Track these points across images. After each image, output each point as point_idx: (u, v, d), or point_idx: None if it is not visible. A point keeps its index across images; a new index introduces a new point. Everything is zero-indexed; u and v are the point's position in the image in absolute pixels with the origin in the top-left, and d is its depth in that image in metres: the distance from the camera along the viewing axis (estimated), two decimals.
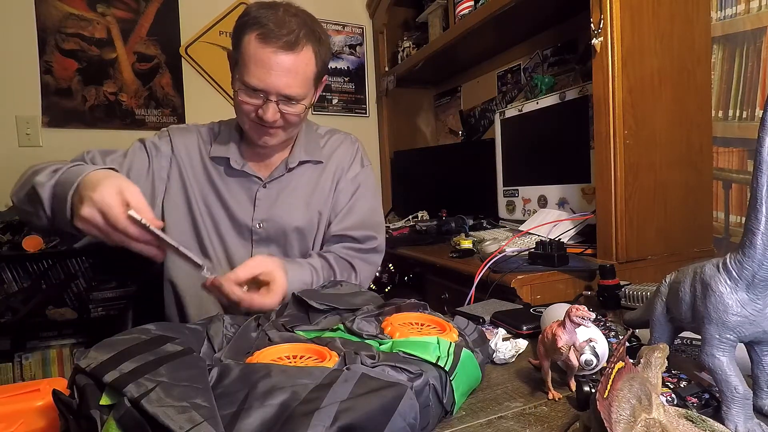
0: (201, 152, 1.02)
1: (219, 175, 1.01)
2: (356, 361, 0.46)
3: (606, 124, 1.08)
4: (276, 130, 0.94)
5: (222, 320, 0.56)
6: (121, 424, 0.35)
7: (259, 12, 0.86)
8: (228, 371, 0.41)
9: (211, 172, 1.01)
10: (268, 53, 0.84)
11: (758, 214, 0.41)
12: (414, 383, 0.43)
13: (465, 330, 0.57)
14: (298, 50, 0.86)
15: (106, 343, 0.44)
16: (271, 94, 0.87)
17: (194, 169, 1.00)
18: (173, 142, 1.01)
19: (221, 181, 1.00)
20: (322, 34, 0.92)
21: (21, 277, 1.87)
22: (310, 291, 0.66)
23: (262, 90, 0.86)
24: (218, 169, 1.01)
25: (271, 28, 0.84)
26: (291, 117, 0.92)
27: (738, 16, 1.17)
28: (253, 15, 0.86)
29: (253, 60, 0.85)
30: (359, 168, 1.09)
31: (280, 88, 0.86)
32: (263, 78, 0.85)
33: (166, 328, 0.50)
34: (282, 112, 0.90)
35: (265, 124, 0.91)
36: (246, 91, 0.88)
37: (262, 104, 0.88)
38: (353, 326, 0.55)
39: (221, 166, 1.01)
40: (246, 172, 1.00)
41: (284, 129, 0.95)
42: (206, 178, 1.01)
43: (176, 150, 1.00)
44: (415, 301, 0.63)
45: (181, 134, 1.03)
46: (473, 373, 0.52)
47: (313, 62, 0.90)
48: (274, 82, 0.85)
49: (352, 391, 0.39)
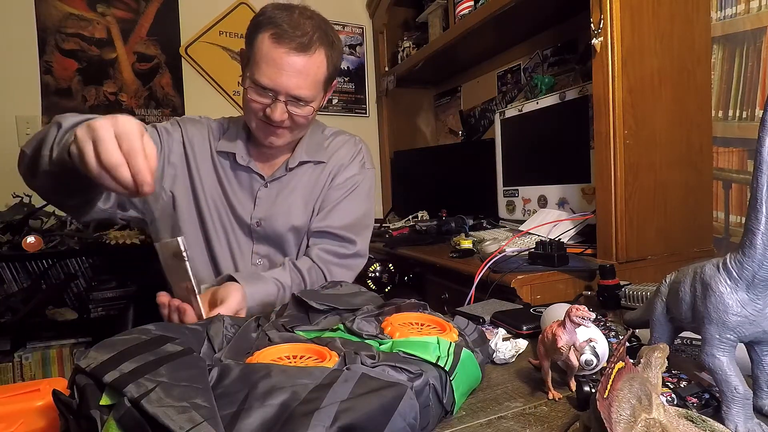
0: (210, 145, 1.02)
1: (224, 169, 1.01)
2: (356, 361, 0.46)
3: (606, 124, 1.08)
4: (283, 130, 0.94)
5: (222, 321, 0.57)
6: (121, 424, 0.35)
7: (274, 12, 0.87)
8: (228, 371, 0.41)
9: (218, 165, 1.01)
10: (280, 53, 0.85)
11: (758, 214, 0.41)
12: (414, 383, 0.43)
13: (465, 330, 0.57)
14: (310, 52, 0.87)
15: (106, 343, 0.44)
16: (281, 94, 0.88)
17: (203, 161, 1.01)
18: (184, 131, 1.02)
19: (226, 175, 1.01)
20: (335, 39, 0.93)
21: (21, 277, 1.87)
22: (310, 291, 0.66)
23: (272, 89, 0.87)
24: (224, 163, 1.02)
25: (285, 29, 0.85)
26: (299, 118, 0.92)
27: (738, 16, 1.17)
28: (268, 15, 0.87)
29: (265, 59, 0.86)
30: (358, 169, 1.08)
31: (289, 89, 0.87)
32: (274, 77, 0.86)
33: (166, 328, 0.49)
34: (290, 112, 0.90)
35: (272, 124, 0.91)
36: (256, 90, 0.88)
37: (271, 103, 0.89)
38: (353, 326, 0.55)
39: (227, 161, 1.02)
40: (251, 169, 1.01)
41: (291, 130, 0.95)
42: (213, 170, 1.01)
43: (186, 139, 1.01)
44: (415, 301, 0.63)
45: (192, 125, 1.04)
46: (473, 373, 0.52)
47: (324, 65, 0.90)
48: (284, 82, 0.86)
49: (352, 391, 0.39)
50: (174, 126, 1.02)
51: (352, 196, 1.06)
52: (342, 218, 1.03)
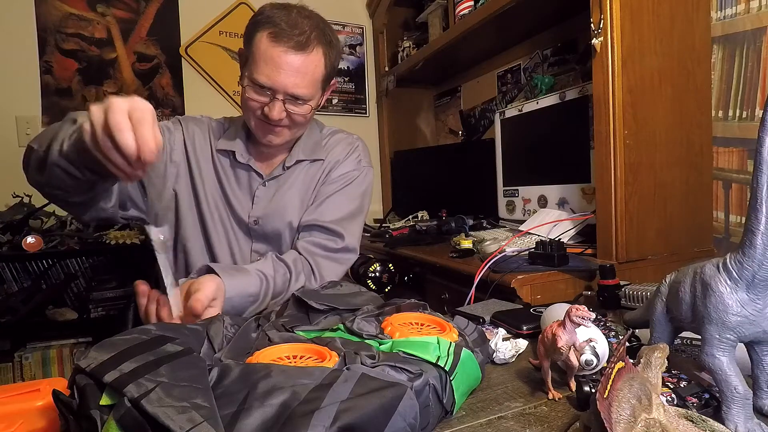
0: (210, 143, 1.03)
1: (224, 168, 1.02)
2: (356, 361, 0.46)
3: (606, 124, 1.08)
4: (281, 129, 0.94)
5: (222, 321, 0.57)
6: (121, 424, 0.35)
7: (272, 12, 0.88)
8: (228, 371, 0.41)
9: (218, 164, 1.01)
10: (278, 52, 0.86)
11: (758, 214, 0.41)
12: (414, 383, 0.43)
13: (465, 330, 0.57)
14: (308, 51, 0.87)
15: (106, 343, 0.44)
16: (279, 92, 0.88)
17: (204, 159, 1.01)
18: (185, 129, 1.02)
19: (225, 174, 1.01)
20: (333, 38, 0.93)
21: (21, 277, 1.87)
22: (310, 291, 0.66)
23: (270, 88, 0.88)
24: (224, 161, 1.02)
25: (284, 28, 0.85)
26: (297, 117, 0.92)
27: (738, 16, 1.17)
28: (266, 14, 0.88)
29: (263, 58, 0.86)
30: (353, 165, 1.08)
31: (287, 87, 0.87)
32: (272, 76, 0.86)
33: (167, 328, 0.49)
34: (288, 111, 0.91)
35: (270, 122, 0.92)
36: (254, 88, 0.89)
37: (269, 102, 0.89)
38: (353, 326, 0.55)
39: (227, 159, 1.02)
40: (250, 167, 1.01)
41: (289, 129, 0.95)
42: (213, 169, 1.01)
43: (187, 137, 1.01)
44: (415, 301, 0.63)
45: (194, 123, 1.04)
46: (473, 373, 0.52)
47: (322, 64, 0.91)
48: (282, 80, 0.87)
49: (352, 391, 0.39)
50: (176, 125, 1.02)
51: (344, 191, 1.05)
52: (332, 212, 1.02)
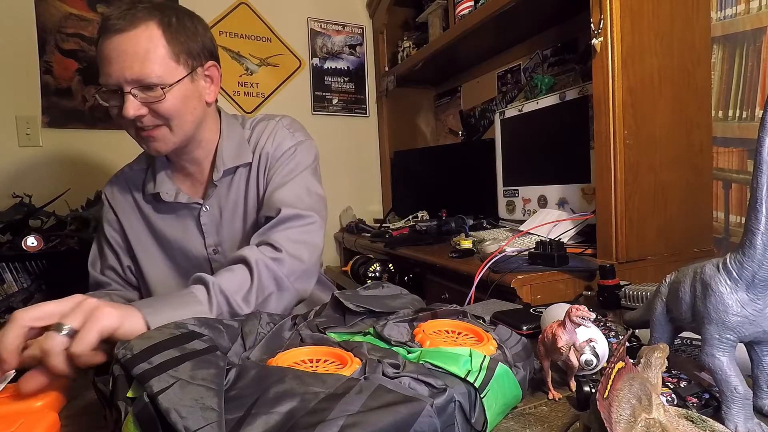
0: (133, 196, 0.97)
1: (155, 213, 0.96)
2: (378, 370, 0.43)
3: (606, 124, 1.08)
4: (157, 131, 0.83)
5: (259, 318, 0.55)
6: (138, 418, 0.35)
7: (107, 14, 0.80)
8: (246, 373, 0.40)
9: (148, 214, 0.96)
10: (106, 43, 0.78)
11: (758, 214, 0.41)
12: (435, 400, 0.39)
13: (506, 342, 0.52)
14: (131, 28, 0.77)
15: (145, 335, 0.44)
16: (121, 85, 0.78)
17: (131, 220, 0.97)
18: (111, 200, 0.98)
19: (163, 220, 0.95)
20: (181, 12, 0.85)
21: (21, 277, 1.87)
22: (348, 293, 0.62)
23: (113, 85, 0.79)
24: (156, 206, 0.96)
25: (111, 21, 0.78)
26: (158, 106, 0.80)
27: (738, 16, 1.17)
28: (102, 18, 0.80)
29: (99, 59, 0.79)
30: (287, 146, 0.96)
31: (125, 75, 0.77)
32: (107, 71, 0.78)
33: (204, 323, 0.49)
34: (146, 104, 0.80)
35: (139, 125, 0.82)
36: (102, 95, 0.81)
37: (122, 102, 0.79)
38: (383, 331, 0.52)
39: (157, 203, 0.95)
40: (180, 202, 0.93)
41: (167, 126, 0.84)
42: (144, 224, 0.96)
43: (114, 207, 0.98)
44: (456, 307, 0.59)
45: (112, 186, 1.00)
46: (511, 391, 0.47)
47: (159, 36, 0.79)
48: (116, 70, 0.77)
49: (364, 403, 0.36)
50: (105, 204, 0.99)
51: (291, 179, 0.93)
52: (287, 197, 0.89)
